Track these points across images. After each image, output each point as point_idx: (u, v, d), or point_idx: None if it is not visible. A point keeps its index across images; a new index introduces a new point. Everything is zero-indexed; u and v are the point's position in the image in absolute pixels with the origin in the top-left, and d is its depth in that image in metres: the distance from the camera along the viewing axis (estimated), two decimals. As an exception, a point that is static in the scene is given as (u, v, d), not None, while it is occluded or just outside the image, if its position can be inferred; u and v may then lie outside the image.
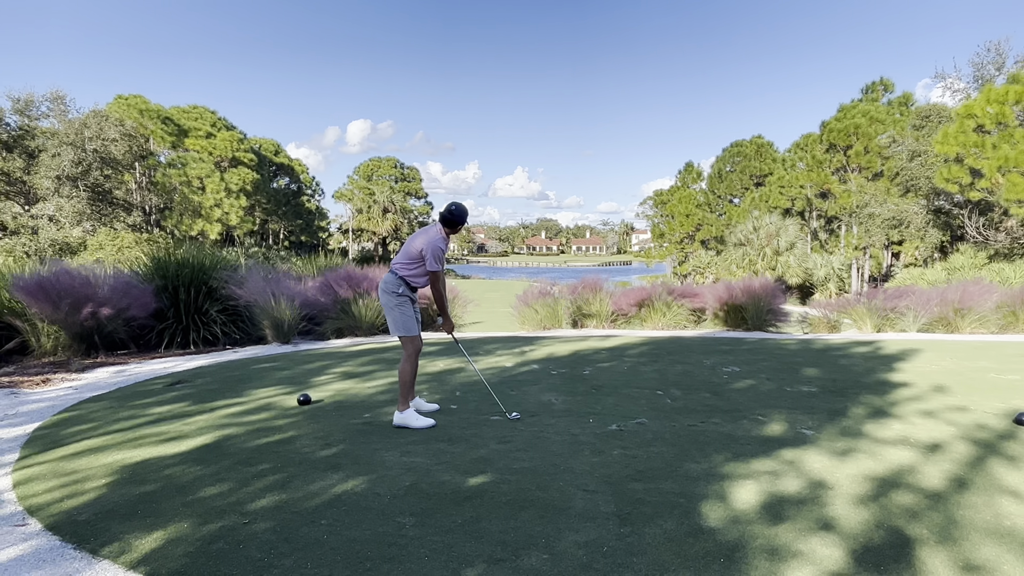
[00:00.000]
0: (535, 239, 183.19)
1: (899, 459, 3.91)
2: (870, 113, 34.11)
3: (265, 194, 50.44)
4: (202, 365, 7.98)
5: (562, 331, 12.13)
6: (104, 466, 3.94)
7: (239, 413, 5.28)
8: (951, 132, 24.78)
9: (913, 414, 5.03)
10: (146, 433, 4.69)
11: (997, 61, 30.95)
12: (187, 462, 3.98)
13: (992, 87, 24.61)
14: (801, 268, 33.99)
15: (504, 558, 2.69)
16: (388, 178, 70.88)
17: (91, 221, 34.86)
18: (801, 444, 4.23)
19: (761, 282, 13.04)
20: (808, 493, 3.37)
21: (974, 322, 11.50)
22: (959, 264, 25.92)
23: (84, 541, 2.92)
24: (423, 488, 3.50)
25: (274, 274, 11.49)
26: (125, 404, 5.74)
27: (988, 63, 31.24)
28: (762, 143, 47.48)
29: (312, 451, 4.18)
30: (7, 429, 4.97)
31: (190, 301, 9.76)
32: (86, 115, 34.78)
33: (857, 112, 34.73)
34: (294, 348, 9.55)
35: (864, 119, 33.88)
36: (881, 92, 37.62)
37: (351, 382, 6.58)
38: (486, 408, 5.36)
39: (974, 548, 2.72)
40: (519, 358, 8.11)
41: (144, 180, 39.37)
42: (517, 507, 3.22)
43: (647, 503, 3.25)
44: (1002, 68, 30.30)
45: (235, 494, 3.43)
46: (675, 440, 4.37)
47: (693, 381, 6.48)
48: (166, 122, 42.25)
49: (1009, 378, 6.59)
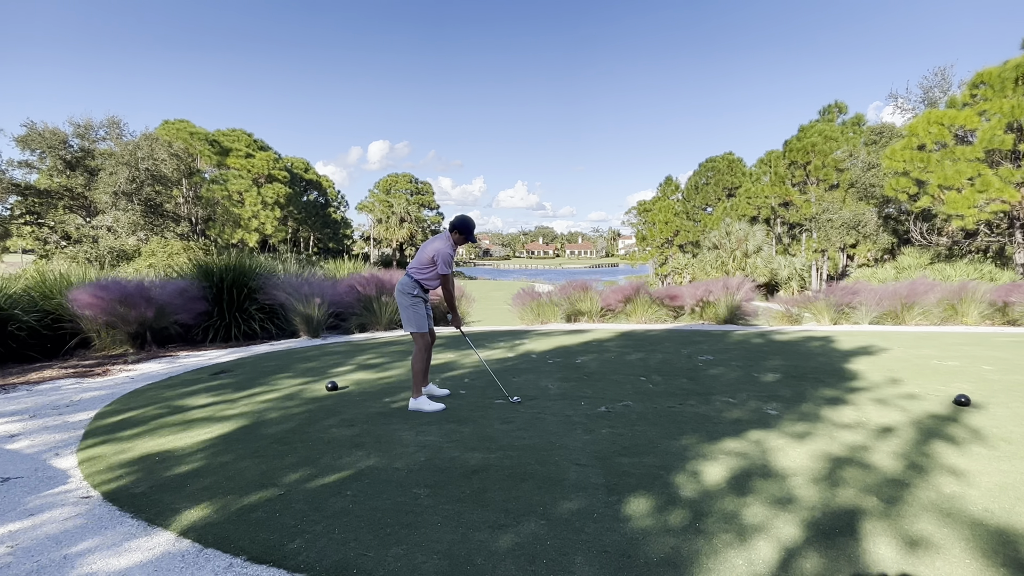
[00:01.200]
0: (534, 244, 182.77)
1: (852, 440, 3.91)
2: (825, 132, 33.99)
3: (297, 206, 50.44)
4: (242, 357, 7.99)
5: (557, 325, 12.12)
6: (156, 445, 3.96)
7: (274, 398, 5.29)
8: (898, 148, 24.74)
9: (865, 399, 5.03)
10: (193, 416, 4.71)
11: (943, 85, 30.93)
12: (229, 441, 4.00)
13: (933, 110, 24.55)
14: (767, 269, 33.91)
15: (507, 524, 2.70)
16: (404, 191, 70.84)
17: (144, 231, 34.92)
18: (765, 425, 4.24)
19: (732, 281, 13.03)
20: (770, 469, 3.38)
21: (919, 315, 11.49)
22: (906, 264, 25.85)
23: (140, 511, 2.94)
24: (436, 463, 3.51)
25: (306, 277, 11.50)
26: (175, 391, 5.76)
27: (934, 87, 31.23)
28: (733, 159, 47.36)
29: (338, 431, 4.19)
30: (72, 414, 4.99)
31: (232, 300, 9.78)
32: (139, 138, 34.84)
33: (814, 132, 34.62)
34: (323, 341, 9.56)
35: (820, 137, 33.77)
36: (836, 113, 37.47)
37: (373, 371, 6.59)
38: (491, 393, 5.37)
39: (917, 523, 2.71)
40: (519, 349, 8.11)
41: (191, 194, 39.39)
42: (518, 479, 3.23)
43: (632, 475, 3.26)
44: (947, 91, 30.27)
45: (271, 469, 3.44)
46: (656, 420, 4.37)
47: (672, 368, 6.48)
48: (212, 143, 42.28)
49: (949, 364, 6.58)
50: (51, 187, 33.78)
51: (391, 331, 10.79)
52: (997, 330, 10.37)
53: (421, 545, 2.53)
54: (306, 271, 14.43)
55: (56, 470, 3.59)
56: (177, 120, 42.48)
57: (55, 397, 5.67)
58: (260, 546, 2.55)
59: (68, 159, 33.80)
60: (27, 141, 32.68)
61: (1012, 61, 21.58)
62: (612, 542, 2.53)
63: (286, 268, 12.47)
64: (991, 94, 21.95)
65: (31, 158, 33.64)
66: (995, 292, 11.81)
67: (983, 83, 22.49)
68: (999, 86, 21.61)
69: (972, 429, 4.04)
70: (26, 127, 32.75)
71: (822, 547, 2.47)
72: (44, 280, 8.93)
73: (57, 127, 33.66)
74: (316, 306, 10.04)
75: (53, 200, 33.82)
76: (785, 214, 37.76)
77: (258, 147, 47.43)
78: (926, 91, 31.65)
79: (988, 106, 21.80)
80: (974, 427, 4.09)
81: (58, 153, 33.28)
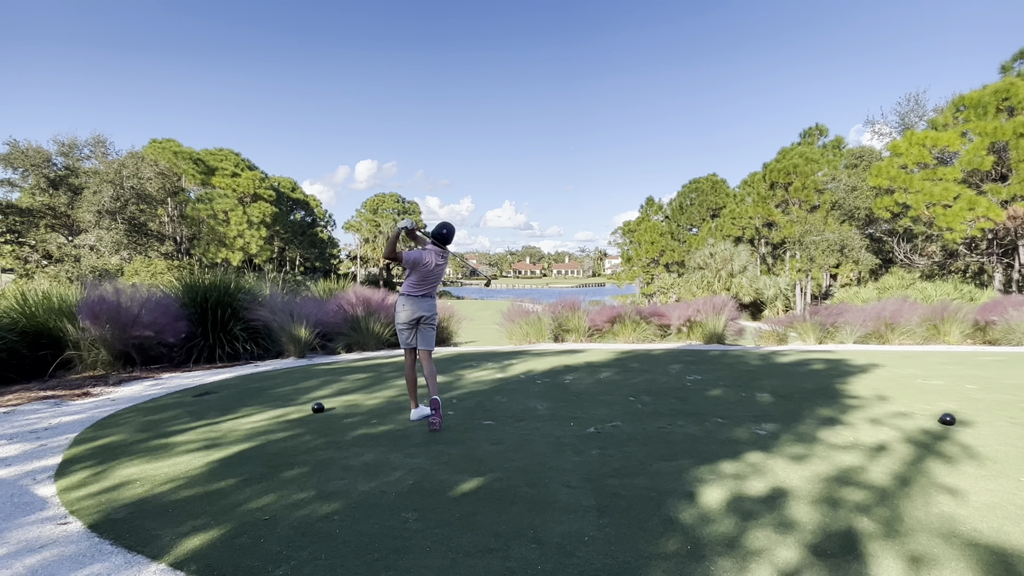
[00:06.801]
0: (521, 264, 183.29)
1: (847, 460, 3.92)
2: (806, 154, 34.64)
3: (283, 225, 50.29)
4: (227, 378, 7.88)
5: (545, 345, 12.10)
6: (138, 470, 3.87)
7: (259, 421, 5.21)
8: (883, 167, 25.28)
9: (856, 418, 5.06)
10: (176, 440, 4.62)
11: (918, 110, 31.78)
12: (213, 465, 3.91)
13: (914, 131, 25.19)
14: (752, 288, 34.27)
15: (497, 548, 2.66)
16: (391, 211, 70.88)
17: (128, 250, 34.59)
18: (758, 446, 4.24)
19: (718, 300, 13.13)
20: (766, 491, 3.37)
21: (902, 335, 11.63)
22: (889, 284, 26.23)
23: (120, 538, 2.85)
24: (425, 486, 3.46)
25: (291, 296, 11.41)
26: (158, 414, 5.65)
27: (910, 112, 32.07)
28: (716, 180, 48.09)
29: (325, 454, 4.12)
30: (52, 438, 4.87)
31: (216, 321, 9.67)
32: (124, 156, 34.67)
33: (795, 154, 35.29)
34: (309, 362, 9.46)
35: (800, 159, 34.40)
36: (817, 136, 38.29)
37: (360, 393, 6.52)
38: (480, 414, 5.33)
39: (917, 543, 2.70)
40: (508, 369, 8.07)
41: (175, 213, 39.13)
42: (508, 502, 3.19)
43: (623, 497, 3.24)
44: (923, 116, 31.11)
45: (256, 494, 3.37)
46: (647, 441, 4.35)
47: (661, 388, 6.48)
48: (197, 163, 42.14)
49: (934, 383, 6.65)
50: (33, 205, 33.40)
51: (379, 351, 10.70)
52: (978, 349, 10.51)
53: (410, 571, 2.48)
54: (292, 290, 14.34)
55: (34, 496, 3.49)
56: (164, 139, 42.37)
57: (34, 420, 5.54)
58: (244, 573, 2.49)
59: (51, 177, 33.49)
60: (9, 159, 32.38)
61: (991, 86, 22.28)
62: (604, 566, 2.49)
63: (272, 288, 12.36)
64: (973, 117, 22.59)
65: (13, 176, 33.29)
66: (975, 312, 12.00)
67: (964, 106, 23.15)
68: (981, 111, 22.25)
69: (961, 448, 4.07)
70: (8, 145, 32.47)
71: (823, 571, 2.45)
72: (25, 300, 8.77)
73: (40, 145, 33.39)
74: (303, 326, 9.95)
75: (35, 219, 33.41)
76: (769, 234, 38.29)
77: (245, 166, 47.34)
78: (902, 116, 32.53)
79: (971, 127, 22.43)
80: (963, 446, 4.12)
81: (41, 171, 32.99)
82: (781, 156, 36.27)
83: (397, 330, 5.03)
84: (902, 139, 25.33)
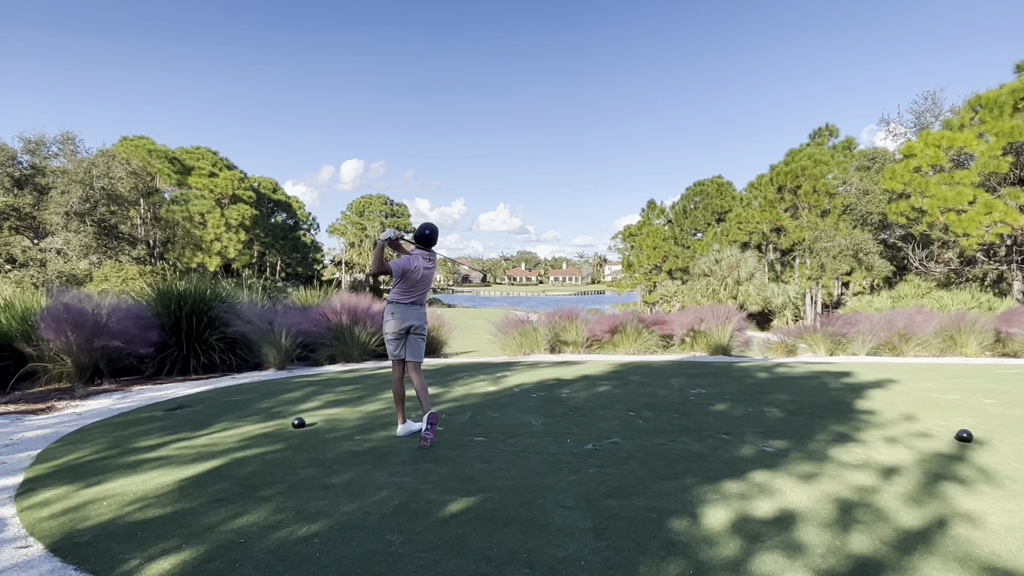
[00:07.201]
0: (516, 270, 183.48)
1: (858, 480, 3.92)
2: (815, 156, 34.83)
3: (263, 229, 50.18)
4: (202, 391, 7.83)
5: (541, 356, 12.10)
6: (105, 489, 3.84)
7: (236, 437, 5.18)
8: (896, 170, 25.48)
9: (869, 435, 5.08)
10: (146, 457, 4.58)
11: (934, 110, 32.03)
12: (186, 484, 3.89)
13: (929, 132, 25.41)
14: (760, 297, 34.38)
15: (488, 573, 2.65)
16: (379, 214, 70.91)
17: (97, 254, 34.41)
18: (765, 464, 4.24)
19: (724, 309, 13.17)
20: (773, 513, 3.37)
21: (917, 346, 11.69)
22: (904, 293, 26.38)
23: (84, 562, 2.83)
24: (411, 507, 3.44)
25: (271, 304, 11.38)
26: (126, 429, 5.61)
27: (926, 111, 32.32)
28: (722, 183, 48.29)
29: (306, 472, 4.10)
30: (12, 454, 4.82)
31: (191, 330, 9.62)
32: (95, 155, 34.56)
33: (803, 155, 35.48)
34: (290, 374, 9.42)
35: (809, 161, 34.59)
36: (827, 136, 38.53)
37: (344, 406, 6.50)
38: (471, 430, 5.32)
39: (932, 568, 2.70)
40: (500, 382, 8.06)
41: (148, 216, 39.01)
42: (500, 524, 3.18)
43: (622, 519, 3.23)
44: (939, 115, 31.35)
45: (231, 515, 3.35)
46: (647, 459, 4.35)
47: (663, 403, 6.49)
48: (172, 162, 42.07)
49: (950, 397, 6.68)
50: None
51: (365, 362, 10.67)
52: (997, 361, 10.58)
53: (395, 598, 2.46)
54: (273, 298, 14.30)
55: (-9, 517, 3.45)
56: (136, 137, 42.28)
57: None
58: (218, 601, 2.47)
59: (16, 177, 33.34)
60: (-29, 157, 32.21)
61: (1008, 85, 22.56)
62: (602, 592, 2.49)
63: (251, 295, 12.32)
64: (989, 117, 22.84)
65: (-25, 175, 33.11)
66: (994, 322, 12.08)
67: (981, 106, 23.40)
68: (997, 111, 22.50)
69: (978, 467, 4.09)
70: (-30, 142, 32.31)
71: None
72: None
73: (5, 142, 33.27)
74: (283, 336, 9.91)
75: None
76: (777, 240, 38.46)
77: (224, 165, 47.28)
78: (918, 115, 32.76)
79: (987, 127, 22.68)
80: (979, 465, 4.14)
81: (5, 170, 32.83)
82: (789, 158, 36.49)
83: (385, 340, 5.03)
84: (917, 140, 25.54)
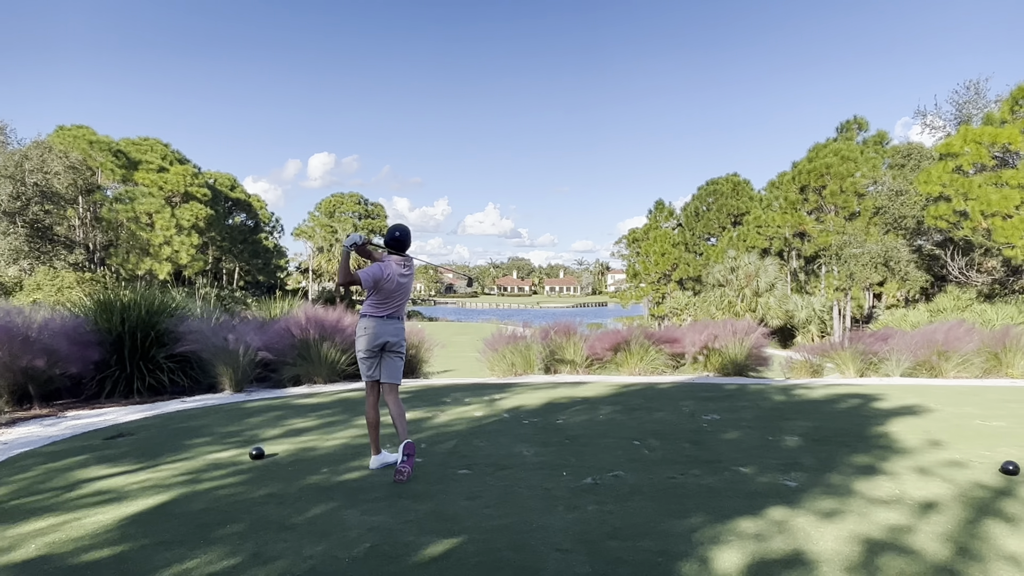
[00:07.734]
0: (507, 279, 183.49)
1: (889, 519, 3.94)
2: (841, 152, 35.10)
3: (220, 231, 50.05)
4: (147, 416, 7.77)
5: (534, 377, 12.10)
6: (33, 528, 3.79)
7: (187, 470, 5.14)
8: (935, 171, 25.71)
9: (902, 467, 5.10)
10: (82, 493, 4.53)
11: (977, 101, 32.29)
12: (129, 525, 3.85)
13: (969, 127, 25.70)
14: (782, 310, 34.56)
15: (472, 627, 2.64)
16: (352, 215, 70.84)
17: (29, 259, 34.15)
18: (786, 500, 4.25)
19: (741, 324, 13.23)
20: (794, 555, 3.37)
21: (957, 366, 11.77)
22: (943, 306, 26.55)
23: (8, 616, 2.79)
24: (385, 550, 3.42)
25: (228, 317, 11.33)
26: (58, 460, 5.55)
27: (968, 102, 32.56)
28: (738, 181, 48.63)
29: (265, 510, 4.07)
30: (-74, 489, 4.76)
31: (136, 347, 9.56)
32: (28, 147, 34.37)
33: (828, 151, 35.74)
34: (247, 397, 9.37)
35: (836, 158, 34.85)
36: (855, 131, 38.96)
37: (309, 435, 6.47)
38: (455, 461, 5.30)
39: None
40: (489, 407, 8.05)
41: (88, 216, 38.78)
42: (487, 569, 3.17)
43: (625, 563, 3.22)
44: (984, 107, 31.61)
45: (179, 558, 3.31)
46: (654, 494, 4.35)
47: (672, 430, 6.50)
48: (117, 155, 41.89)
49: (994, 425, 6.73)
50: (-89, 205, 32.94)
51: (334, 384, 10.63)
52: (1047, 384, 10.67)
53: (366, 655, 2.45)
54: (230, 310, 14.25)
55: (-100, 563, 3.40)
56: (75, 126, 42.02)
57: (-96, 468, 5.41)
58: (161, 660, 2.44)
59: (-64, 171, 33.08)
60: None
61: (1053, 75, 22.88)
62: (602, 648, 2.48)
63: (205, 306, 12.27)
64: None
65: None
66: (1044, 339, 12.17)
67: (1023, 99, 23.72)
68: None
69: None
70: None
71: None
72: None
73: (-76, 132, 33.06)
74: (241, 354, 9.86)
75: (-87, 221, 32.96)
76: (800, 246, 38.70)
77: (175, 159, 47.21)
78: (959, 107, 32.97)
79: (1030, 122, 22.97)
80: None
81: (-78, 163, 32.59)
82: (813, 155, 36.80)
83: (358, 359, 5.00)
84: (956, 135, 25.82)
